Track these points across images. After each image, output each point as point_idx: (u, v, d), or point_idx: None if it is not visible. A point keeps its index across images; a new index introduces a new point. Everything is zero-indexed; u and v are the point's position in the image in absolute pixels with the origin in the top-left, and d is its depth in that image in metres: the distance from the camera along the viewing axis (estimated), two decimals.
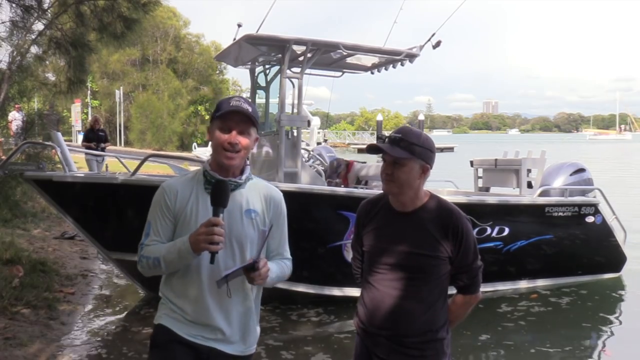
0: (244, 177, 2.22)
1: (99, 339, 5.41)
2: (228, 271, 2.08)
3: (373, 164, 8.28)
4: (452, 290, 2.42)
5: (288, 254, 2.37)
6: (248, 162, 2.30)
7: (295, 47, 6.65)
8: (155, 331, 2.22)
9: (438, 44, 7.00)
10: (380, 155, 2.32)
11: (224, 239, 2.04)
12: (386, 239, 2.34)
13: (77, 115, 32.71)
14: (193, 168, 2.39)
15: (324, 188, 6.50)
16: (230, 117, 2.14)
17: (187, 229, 2.12)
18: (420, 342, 2.30)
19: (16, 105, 8.98)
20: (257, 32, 6.32)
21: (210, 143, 2.22)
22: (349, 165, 8.33)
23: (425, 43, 7.12)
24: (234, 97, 2.20)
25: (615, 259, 7.81)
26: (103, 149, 11.75)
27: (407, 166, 2.25)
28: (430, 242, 2.26)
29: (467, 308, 2.43)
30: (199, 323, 2.17)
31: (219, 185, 2.10)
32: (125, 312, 6.34)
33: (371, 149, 2.36)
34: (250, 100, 8.85)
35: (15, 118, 9.79)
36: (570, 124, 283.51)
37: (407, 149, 2.23)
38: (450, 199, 7.27)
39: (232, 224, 2.15)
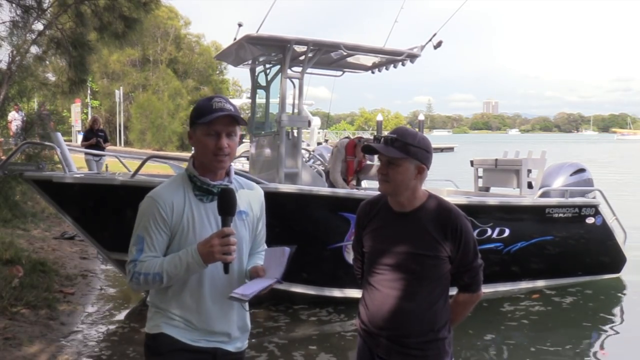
0: (231, 178, 2.19)
1: (98, 339, 5.41)
2: (252, 291, 2.04)
3: (375, 164, 8.27)
4: (453, 290, 2.42)
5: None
6: (234, 163, 2.29)
7: (296, 47, 6.64)
8: (155, 340, 2.15)
9: (439, 44, 6.98)
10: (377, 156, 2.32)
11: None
12: (386, 240, 2.33)
13: (77, 115, 32.67)
14: None
15: (324, 189, 6.49)
16: (217, 122, 2.06)
17: (185, 241, 2.07)
18: (421, 342, 2.30)
19: (15, 106, 8.97)
20: (257, 32, 6.31)
21: (195, 146, 2.12)
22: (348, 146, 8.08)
23: (426, 43, 7.11)
24: (214, 99, 2.10)
25: (615, 260, 7.81)
26: (103, 149, 11.74)
27: (402, 166, 2.24)
28: (430, 242, 2.26)
29: (468, 307, 2.43)
30: (202, 329, 2.15)
31: (226, 194, 2.04)
32: (126, 313, 6.33)
33: (366, 150, 2.35)
34: (251, 100, 8.70)
35: (15, 118, 9.79)
36: (571, 124, 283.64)
37: (401, 149, 2.22)
38: (450, 199, 7.27)
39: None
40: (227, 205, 2.03)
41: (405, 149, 2.23)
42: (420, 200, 2.31)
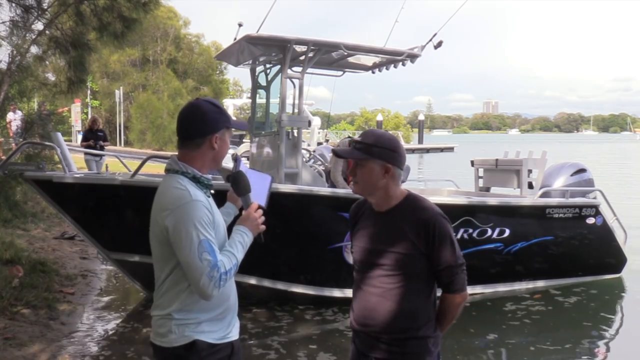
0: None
1: (99, 339, 5.41)
2: (268, 193, 2.50)
3: None
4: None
5: None
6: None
7: (296, 47, 6.63)
8: (189, 349, 2.13)
9: (439, 44, 6.97)
10: None
11: None
12: (366, 239, 2.42)
13: (77, 115, 32.65)
14: None
15: (324, 189, 6.49)
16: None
17: (220, 235, 2.18)
18: (400, 339, 2.32)
19: (12, 106, 8.95)
20: (257, 31, 6.30)
21: (218, 149, 2.21)
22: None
23: (427, 43, 7.09)
24: (223, 107, 2.30)
25: (615, 260, 7.81)
26: (102, 148, 11.73)
27: (366, 167, 2.33)
28: (404, 240, 2.29)
29: (452, 308, 2.38)
30: (226, 317, 2.22)
31: (242, 177, 2.30)
32: (126, 312, 6.33)
33: (334, 154, 2.55)
34: (251, 100, 8.67)
35: (14, 119, 9.78)
36: (571, 124, 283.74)
37: (364, 150, 2.32)
38: (450, 199, 7.28)
39: (220, 212, 2.29)
40: (246, 185, 2.30)
41: (367, 150, 2.32)
42: (397, 200, 2.37)
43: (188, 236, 2.03)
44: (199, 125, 2.17)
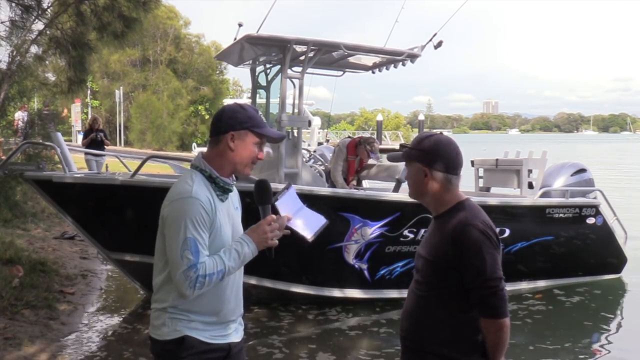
0: (233, 177, 2.29)
1: (99, 339, 5.41)
2: (318, 229, 2.45)
3: (376, 164, 8.28)
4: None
5: None
6: None
7: (296, 47, 6.63)
8: (179, 344, 2.12)
9: (439, 44, 6.96)
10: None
11: None
12: (421, 242, 2.39)
13: (77, 115, 32.66)
14: None
15: (324, 189, 6.48)
16: (266, 138, 2.23)
17: (219, 239, 2.13)
18: (419, 350, 2.24)
19: (23, 106, 8.96)
20: (257, 31, 6.30)
21: (235, 150, 2.17)
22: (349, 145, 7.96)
23: (427, 43, 7.09)
24: (259, 112, 2.26)
25: (615, 260, 7.80)
26: (103, 142, 11.75)
27: (409, 170, 2.33)
28: (438, 249, 2.20)
29: (489, 334, 2.14)
30: (222, 322, 2.20)
31: (265, 185, 2.23)
32: (125, 312, 6.34)
33: (388, 159, 2.60)
34: (251, 100, 8.65)
35: (21, 117, 9.76)
36: (571, 124, 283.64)
37: (405, 153, 2.33)
38: None
39: (236, 220, 2.27)
40: (268, 194, 2.23)
41: (407, 153, 2.32)
42: (447, 206, 2.26)
43: (176, 231, 2.05)
44: (217, 122, 2.21)
